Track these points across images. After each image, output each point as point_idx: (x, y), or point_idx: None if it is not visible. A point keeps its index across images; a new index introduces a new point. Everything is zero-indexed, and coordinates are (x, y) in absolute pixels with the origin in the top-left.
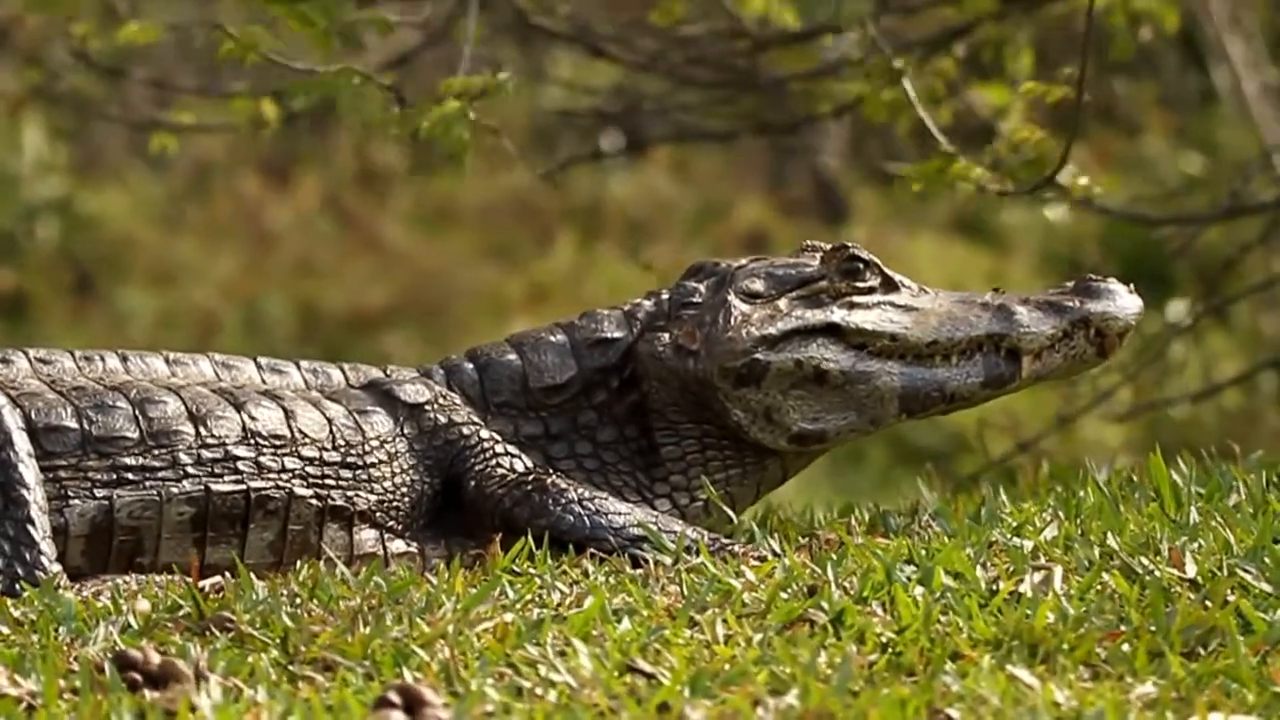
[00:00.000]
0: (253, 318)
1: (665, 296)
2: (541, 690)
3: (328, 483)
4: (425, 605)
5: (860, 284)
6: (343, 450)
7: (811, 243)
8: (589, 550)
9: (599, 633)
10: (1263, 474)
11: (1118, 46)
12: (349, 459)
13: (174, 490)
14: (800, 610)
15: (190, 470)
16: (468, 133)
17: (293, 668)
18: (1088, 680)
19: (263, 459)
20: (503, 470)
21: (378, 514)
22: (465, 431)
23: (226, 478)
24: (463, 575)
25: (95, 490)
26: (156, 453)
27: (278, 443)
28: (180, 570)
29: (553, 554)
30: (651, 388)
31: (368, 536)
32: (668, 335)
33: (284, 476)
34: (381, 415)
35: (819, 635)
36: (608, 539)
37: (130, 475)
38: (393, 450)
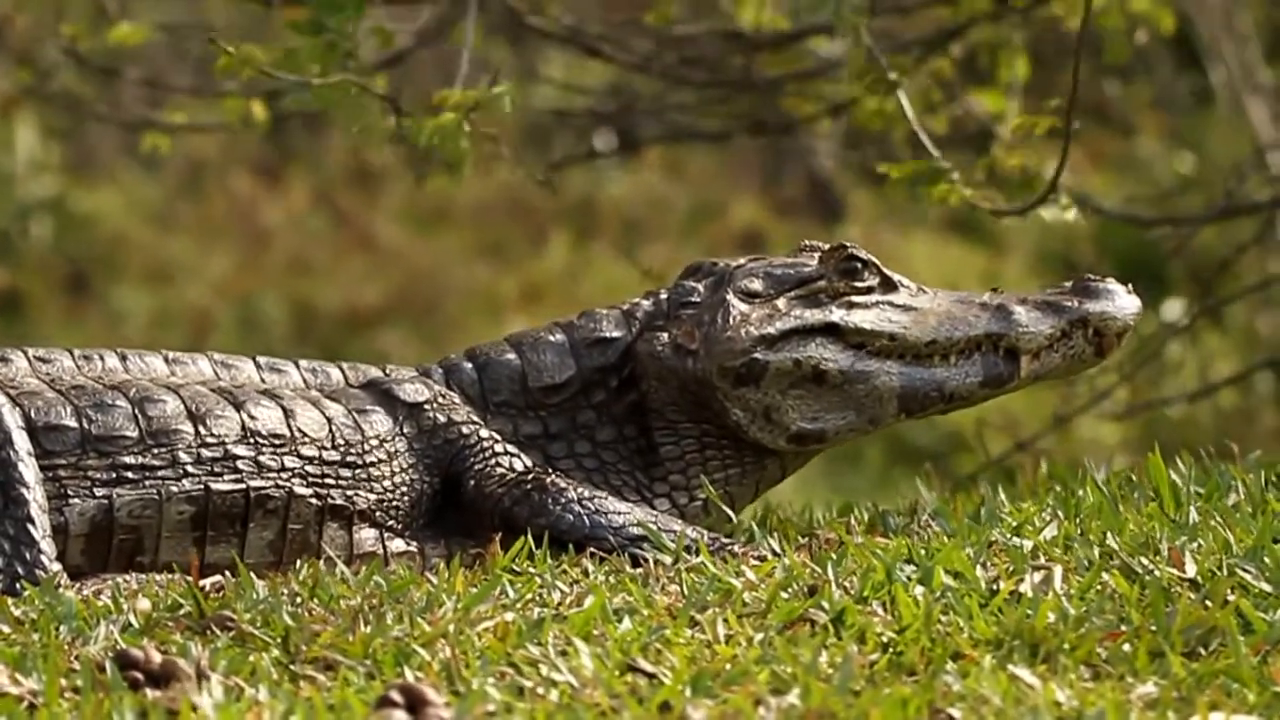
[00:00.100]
0: (247, 316)
1: (664, 296)
2: (543, 690)
3: (327, 482)
4: (426, 604)
5: (859, 284)
6: (342, 449)
7: (810, 242)
8: (589, 549)
9: (600, 632)
10: (1261, 474)
11: (1112, 50)
12: (348, 458)
13: (174, 489)
14: (801, 610)
15: (190, 469)
16: (466, 142)
17: (294, 667)
18: (1089, 680)
19: (262, 458)
20: (502, 469)
21: (377, 513)
22: (465, 431)
23: (226, 477)
24: (463, 574)
25: (95, 489)
26: (156, 452)
27: (277, 442)
28: (180, 569)
29: (552, 553)
30: (650, 387)
31: (367, 536)
32: (666, 335)
33: (283, 476)
34: (381, 414)
35: (820, 635)
36: (607, 538)
37: (130, 474)
38: (392, 449)
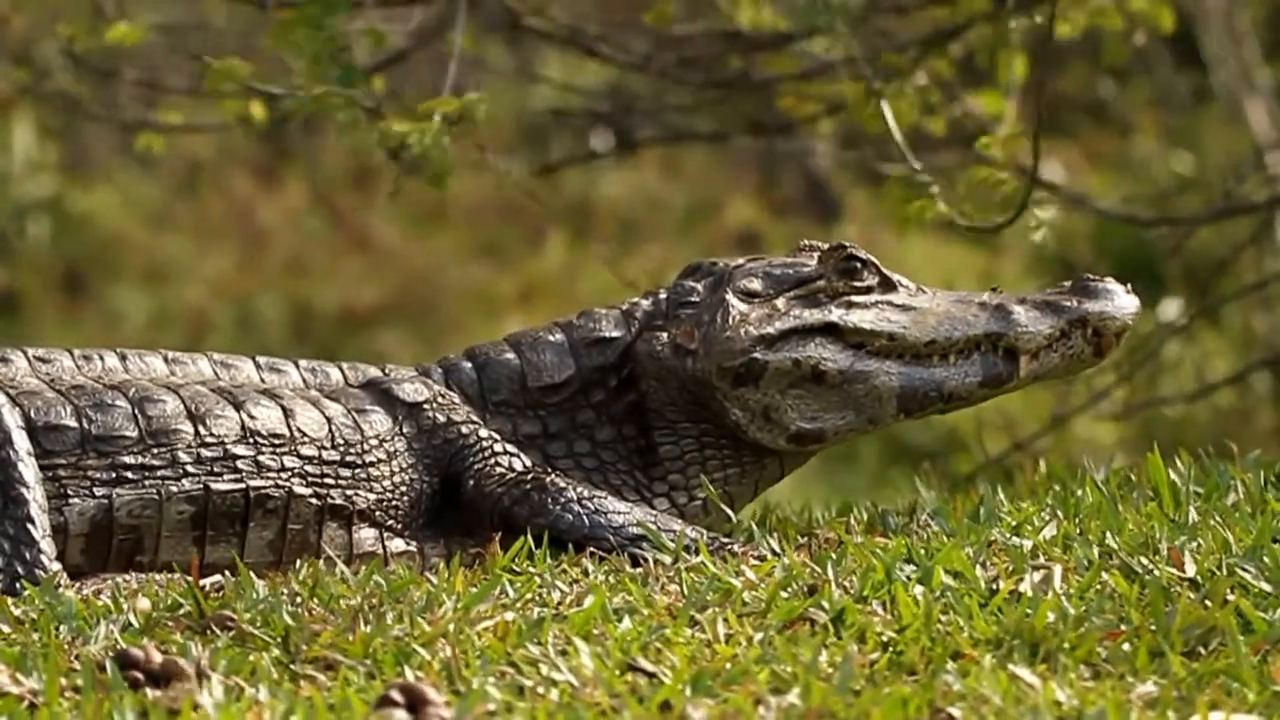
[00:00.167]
0: (245, 317)
1: (663, 296)
2: (543, 689)
3: (327, 482)
4: (426, 604)
5: (858, 283)
6: (342, 449)
7: (809, 242)
8: (588, 549)
9: (600, 632)
10: (1261, 473)
11: (1111, 51)
12: (348, 458)
13: (173, 489)
14: (801, 609)
15: (189, 469)
16: (449, 152)
17: (294, 666)
18: (1089, 679)
19: (262, 458)
20: (501, 469)
21: (377, 513)
22: (464, 430)
23: (226, 476)
24: (462, 574)
25: (95, 489)
26: (156, 451)
27: (277, 442)
28: (180, 569)
29: (552, 553)
30: (650, 387)
31: (367, 535)
32: (666, 334)
33: (283, 475)
34: (380, 414)
35: (820, 634)
36: (607, 538)
37: (129, 474)
38: (392, 449)
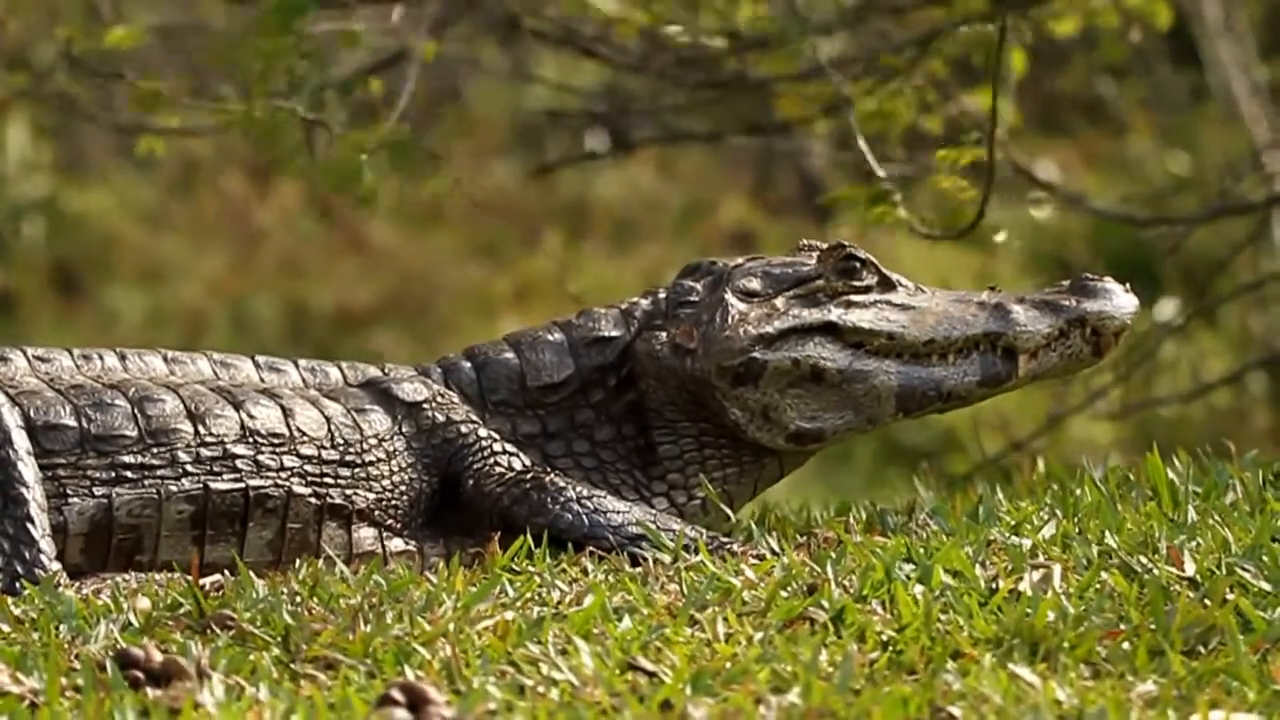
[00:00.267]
0: (240, 317)
1: (662, 295)
2: (544, 688)
3: (326, 481)
4: (425, 604)
5: (857, 283)
6: (341, 449)
7: (808, 242)
8: (588, 548)
9: (600, 631)
10: (1259, 472)
11: (1107, 48)
12: (347, 457)
13: (173, 488)
14: (800, 609)
15: (189, 468)
16: (373, 177)
17: (294, 666)
18: (1089, 678)
19: (261, 457)
20: (501, 468)
21: (376, 512)
22: (463, 430)
23: (225, 476)
24: (462, 573)
25: (94, 488)
26: (155, 451)
27: (276, 441)
28: (180, 568)
29: (551, 552)
30: (649, 386)
31: (366, 535)
32: (665, 334)
33: (282, 475)
34: (380, 414)
35: (820, 633)
36: (606, 537)
37: (129, 473)
38: (391, 449)
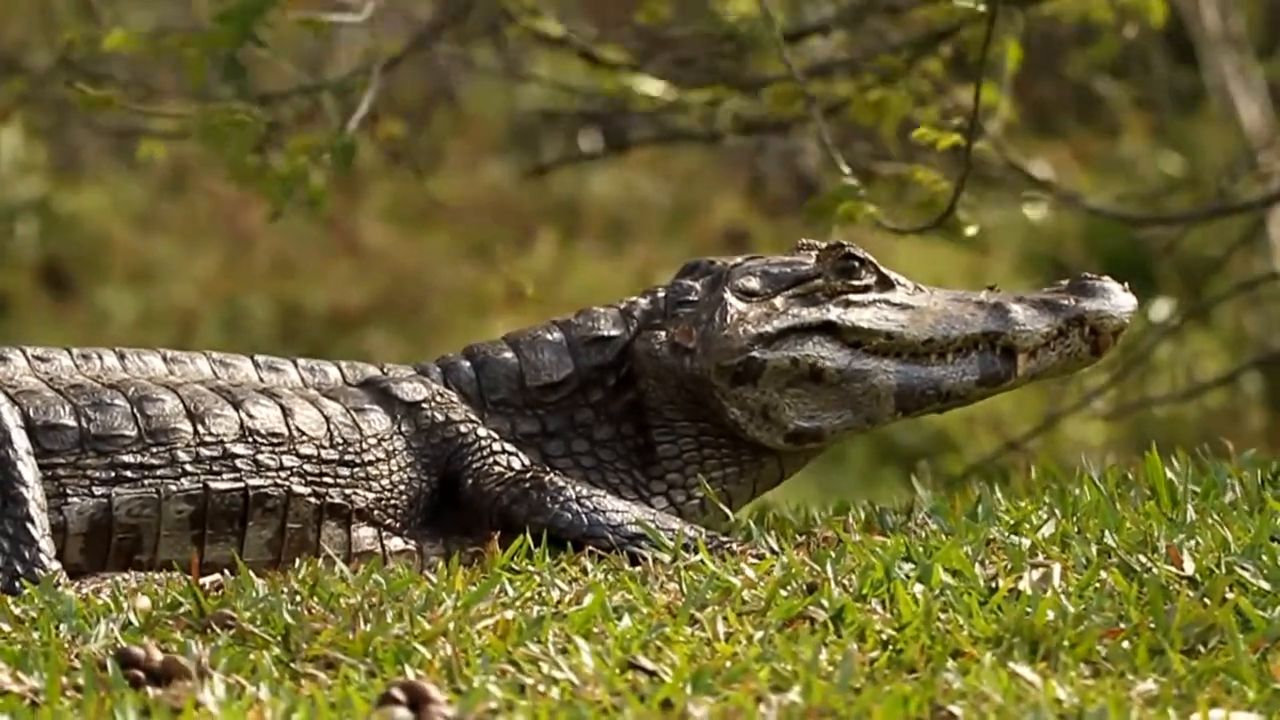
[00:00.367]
0: (232, 317)
1: (661, 295)
2: (544, 687)
3: (326, 481)
4: (425, 603)
5: (856, 282)
6: (340, 448)
7: (807, 241)
8: (587, 548)
9: (600, 630)
10: (1258, 472)
11: (1102, 45)
12: (347, 457)
13: (172, 488)
14: (800, 608)
15: (189, 468)
16: (322, 181)
17: (294, 665)
18: (1089, 677)
19: (261, 457)
20: (500, 468)
21: (375, 512)
22: (463, 429)
23: (225, 475)
24: (462, 573)
25: (94, 488)
26: (155, 450)
27: (276, 440)
28: (180, 568)
29: (551, 552)
30: (648, 386)
31: (366, 534)
32: (664, 333)
33: (282, 474)
34: (379, 413)
35: (820, 632)
36: (606, 536)
37: (129, 473)
38: (390, 448)
